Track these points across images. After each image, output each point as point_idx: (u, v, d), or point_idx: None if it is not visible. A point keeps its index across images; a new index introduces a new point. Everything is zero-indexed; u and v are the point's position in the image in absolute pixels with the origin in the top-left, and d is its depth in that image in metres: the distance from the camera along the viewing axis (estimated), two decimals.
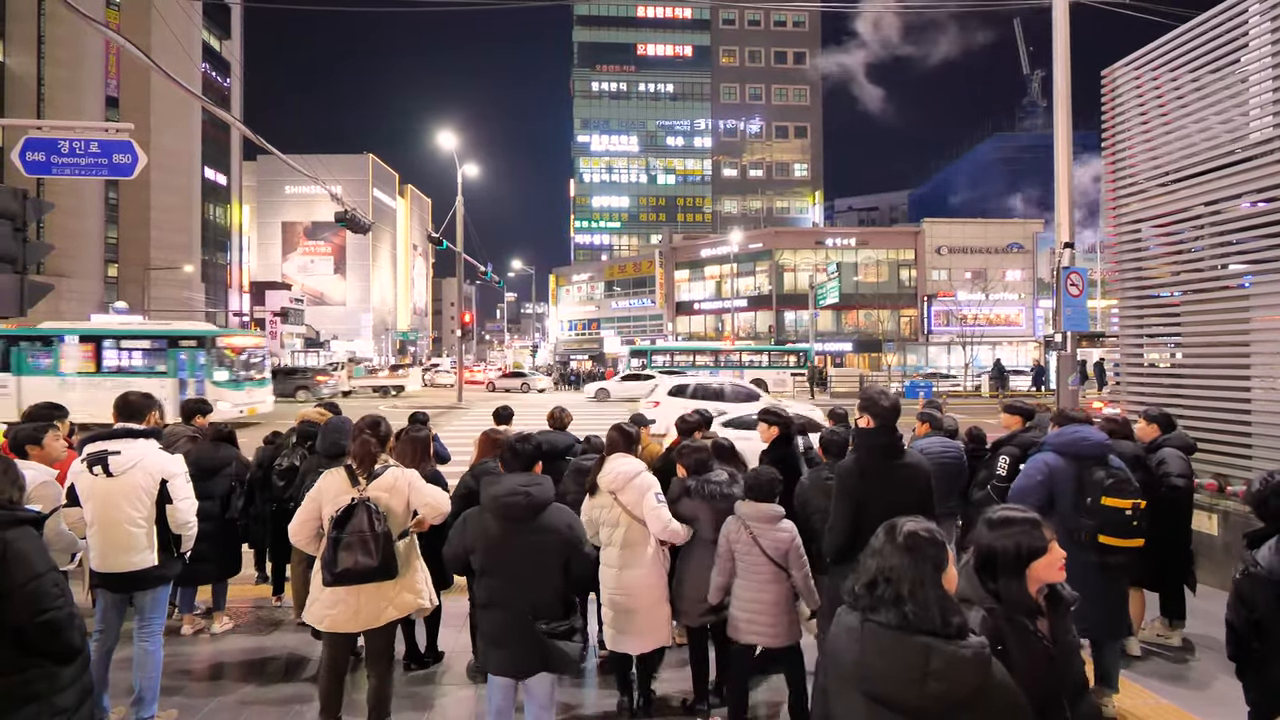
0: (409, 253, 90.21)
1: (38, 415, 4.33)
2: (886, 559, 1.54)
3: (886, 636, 1.48)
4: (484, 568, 2.82)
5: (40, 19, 41.20)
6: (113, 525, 3.28)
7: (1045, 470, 3.56)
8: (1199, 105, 5.98)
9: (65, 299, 40.78)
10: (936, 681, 1.42)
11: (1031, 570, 1.76)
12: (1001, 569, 1.76)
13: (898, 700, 1.47)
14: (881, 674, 1.48)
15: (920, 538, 1.56)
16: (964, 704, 1.44)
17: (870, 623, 1.51)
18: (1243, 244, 5.78)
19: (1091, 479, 3.44)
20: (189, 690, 3.86)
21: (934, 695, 1.43)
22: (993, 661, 1.47)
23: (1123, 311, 6.88)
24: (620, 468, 3.36)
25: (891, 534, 1.59)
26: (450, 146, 24.78)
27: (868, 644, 1.50)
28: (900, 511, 2.99)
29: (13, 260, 5.56)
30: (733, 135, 68.59)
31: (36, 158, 6.85)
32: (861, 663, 1.51)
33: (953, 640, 1.45)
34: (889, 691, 1.47)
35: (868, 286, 42.47)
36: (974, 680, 1.44)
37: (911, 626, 1.46)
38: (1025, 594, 1.75)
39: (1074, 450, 3.56)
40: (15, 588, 2.03)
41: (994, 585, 1.76)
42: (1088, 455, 3.52)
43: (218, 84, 56.68)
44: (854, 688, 1.53)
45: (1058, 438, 3.70)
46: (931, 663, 1.43)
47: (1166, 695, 3.79)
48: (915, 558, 1.52)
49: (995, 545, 1.78)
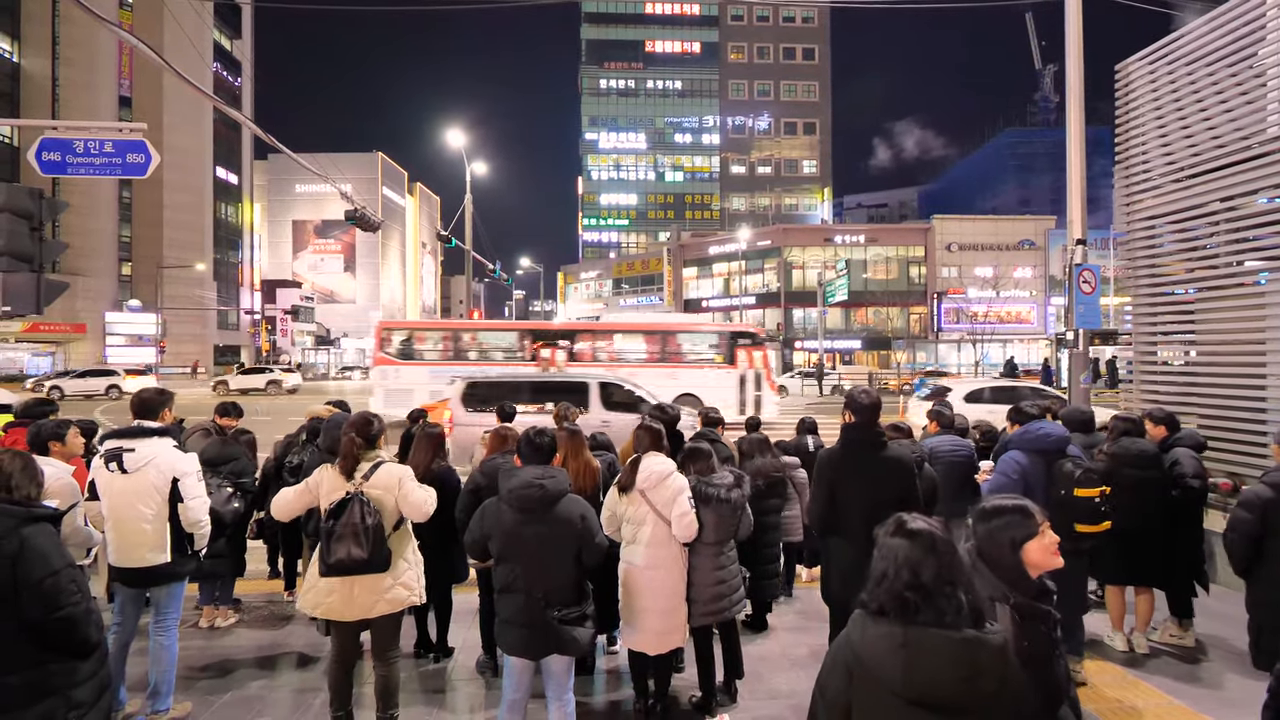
0: (418, 251, 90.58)
1: (34, 413, 4.39)
2: (912, 563, 1.51)
3: (931, 637, 1.46)
4: (501, 554, 2.95)
5: (54, 20, 41.64)
6: (127, 521, 3.33)
7: (1018, 468, 3.78)
8: (1214, 100, 5.90)
9: (80, 297, 41.31)
10: (983, 677, 1.43)
11: (1026, 554, 1.78)
12: (1001, 557, 1.78)
13: (949, 700, 1.45)
14: (933, 677, 1.45)
15: (937, 536, 1.56)
16: (993, 695, 1.44)
17: (912, 627, 1.48)
18: (1259, 240, 5.71)
19: (1061, 472, 3.69)
20: (203, 683, 3.91)
21: (979, 689, 1.44)
22: (1009, 649, 1.49)
23: (1136, 309, 6.81)
24: (654, 466, 3.36)
25: (927, 540, 1.54)
26: (459, 144, 24.81)
27: (913, 650, 1.46)
28: (880, 498, 3.18)
29: (29, 259, 5.64)
30: (741, 132, 68.35)
31: (52, 157, 6.93)
32: (910, 669, 1.46)
33: (985, 630, 1.47)
34: (942, 694, 1.45)
35: (877, 284, 42.24)
36: (1002, 669, 1.45)
37: (956, 623, 1.46)
38: (1028, 578, 1.78)
39: (1039, 446, 3.81)
40: (32, 584, 2.06)
41: (997, 575, 1.77)
42: (1051, 449, 3.79)
43: (229, 83, 57.11)
44: (896, 697, 1.49)
45: (1022, 436, 3.91)
46: (980, 656, 1.43)
47: (1179, 695, 3.77)
48: (949, 553, 1.53)
49: (991, 535, 1.80)
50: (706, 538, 3.42)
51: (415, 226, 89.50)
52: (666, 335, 17.80)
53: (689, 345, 17.62)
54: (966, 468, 5.14)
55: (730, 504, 3.47)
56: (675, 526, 3.28)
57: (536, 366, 16.13)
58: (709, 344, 17.53)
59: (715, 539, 3.45)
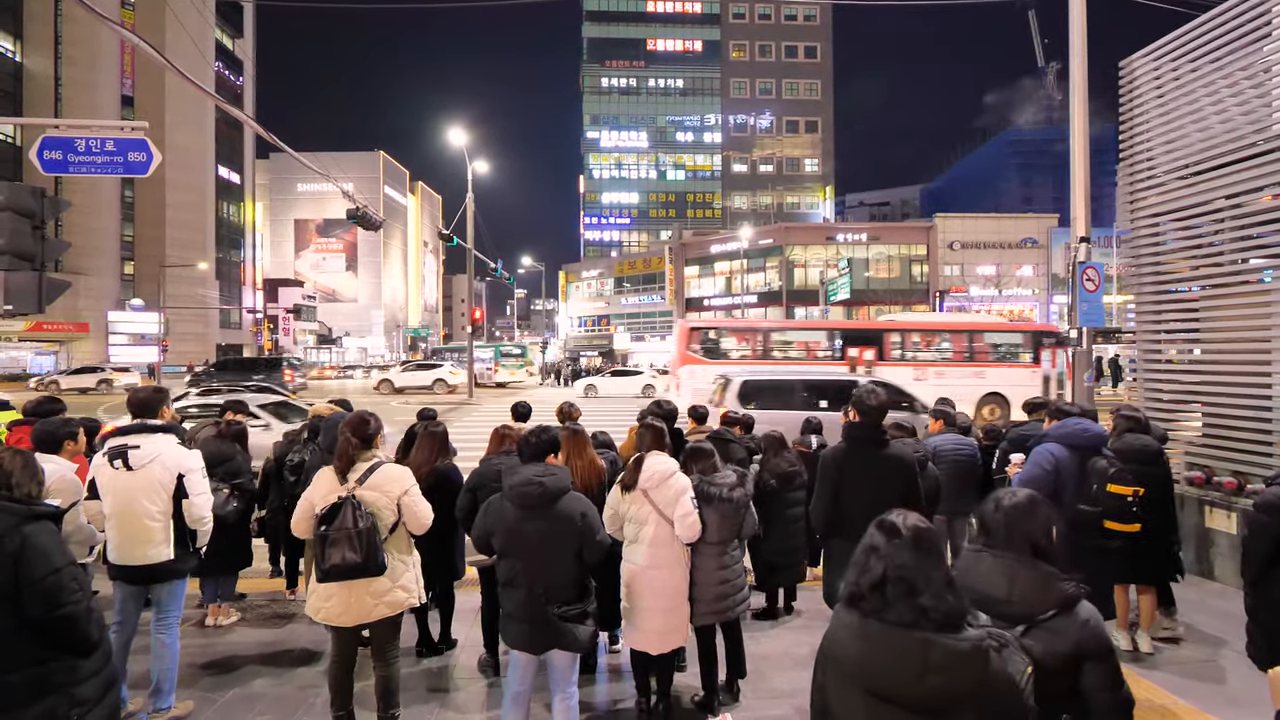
0: (420, 249, 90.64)
1: (42, 411, 4.38)
2: (894, 557, 1.52)
3: (887, 633, 1.48)
4: (503, 550, 2.98)
5: (57, 20, 41.69)
6: (130, 519, 3.32)
7: (1052, 460, 3.77)
8: (1219, 96, 5.87)
9: (83, 296, 41.39)
10: (936, 675, 1.42)
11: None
12: (1049, 548, 1.82)
13: (899, 696, 1.47)
14: (883, 670, 1.48)
15: (923, 530, 1.56)
16: (965, 698, 1.43)
17: (871, 620, 1.50)
18: (1264, 238, 5.68)
19: (1095, 468, 3.69)
20: (205, 681, 3.92)
21: (934, 689, 1.42)
22: (991, 655, 1.46)
23: (1140, 307, 6.78)
24: (657, 466, 3.35)
25: (892, 531, 1.56)
26: (461, 143, 24.82)
27: (869, 641, 1.50)
28: (881, 495, 3.16)
29: (31, 257, 5.64)
30: (743, 130, 68.27)
31: (54, 156, 6.93)
32: (864, 660, 1.51)
33: (952, 633, 1.45)
34: (891, 687, 1.48)
35: (879, 282, 42.14)
36: (975, 674, 1.43)
37: (926, 621, 1.45)
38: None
39: (1076, 441, 3.81)
40: (34, 582, 2.06)
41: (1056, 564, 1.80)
42: (1087, 445, 3.80)
43: (231, 82, 57.15)
44: (855, 685, 1.53)
45: (1060, 429, 3.93)
46: (931, 657, 1.43)
47: (1185, 694, 3.75)
48: (922, 552, 1.52)
49: (1036, 524, 1.83)
50: (710, 537, 3.41)
51: (417, 225, 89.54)
52: (973, 334, 17.90)
53: (995, 344, 17.72)
54: (969, 466, 5.13)
55: (733, 503, 3.46)
56: (678, 527, 3.27)
57: (844, 365, 16.61)
58: (1015, 343, 17.67)
59: (718, 538, 3.45)
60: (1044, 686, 1.72)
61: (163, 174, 43.61)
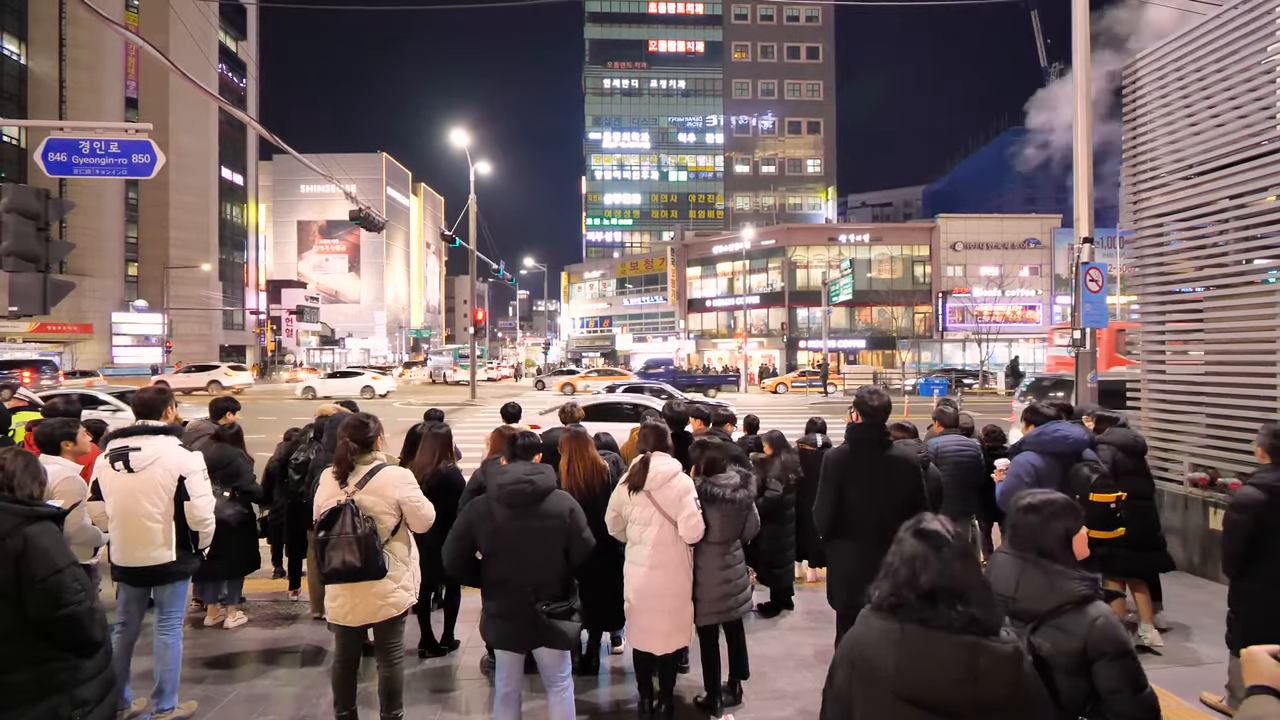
0: (422, 251, 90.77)
1: (60, 410, 4.39)
2: (945, 568, 1.49)
3: (933, 639, 1.45)
4: (490, 550, 2.98)
5: (61, 22, 41.80)
6: (132, 520, 3.33)
7: (1032, 470, 3.74)
8: (1223, 96, 5.85)
9: (87, 297, 41.49)
10: (984, 680, 1.41)
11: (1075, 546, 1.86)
12: (1058, 551, 1.83)
13: (942, 702, 1.44)
14: (927, 677, 1.45)
15: (961, 538, 1.55)
16: (1002, 701, 1.43)
17: (912, 626, 1.47)
18: (1268, 239, 5.66)
19: (1078, 477, 3.65)
20: (208, 682, 3.92)
21: (979, 694, 1.42)
22: (1024, 658, 1.47)
23: (1144, 307, 6.76)
24: (661, 467, 3.35)
25: (938, 541, 1.52)
26: (463, 145, 24.85)
27: (910, 648, 1.47)
28: (886, 498, 3.17)
29: (36, 259, 5.66)
30: (745, 131, 68.22)
31: (58, 158, 6.96)
32: (904, 666, 1.47)
33: (995, 638, 1.45)
34: (934, 693, 1.45)
35: (881, 283, 42.08)
36: (1012, 677, 1.43)
37: (976, 627, 1.44)
38: (1080, 569, 1.83)
39: (1055, 448, 3.76)
40: (36, 582, 2.06)
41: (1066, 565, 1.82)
42: (1068, 452, 3.74)
43: (234, 84, 57.28)
44: (888, 691, 1.50)
45: (1037, 437, 3.86)
46: (980, 662, 1.42)
47: (1189, 697, 3.73)
48: (970, 561, 1.52)
49: (1046, 527, 1.84)
50: (712, 537, 3.41)
51: (419, 226, 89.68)
52: None
53: None
54: (972, 467, 5.12)
55: (735, 504, 3.46)
56: (681, 527, 3.27)
57: None
58: None
59: (721, 539, 3.44)
60: (1059, 687, 1.71)
61: (166, 176, 43.70)
